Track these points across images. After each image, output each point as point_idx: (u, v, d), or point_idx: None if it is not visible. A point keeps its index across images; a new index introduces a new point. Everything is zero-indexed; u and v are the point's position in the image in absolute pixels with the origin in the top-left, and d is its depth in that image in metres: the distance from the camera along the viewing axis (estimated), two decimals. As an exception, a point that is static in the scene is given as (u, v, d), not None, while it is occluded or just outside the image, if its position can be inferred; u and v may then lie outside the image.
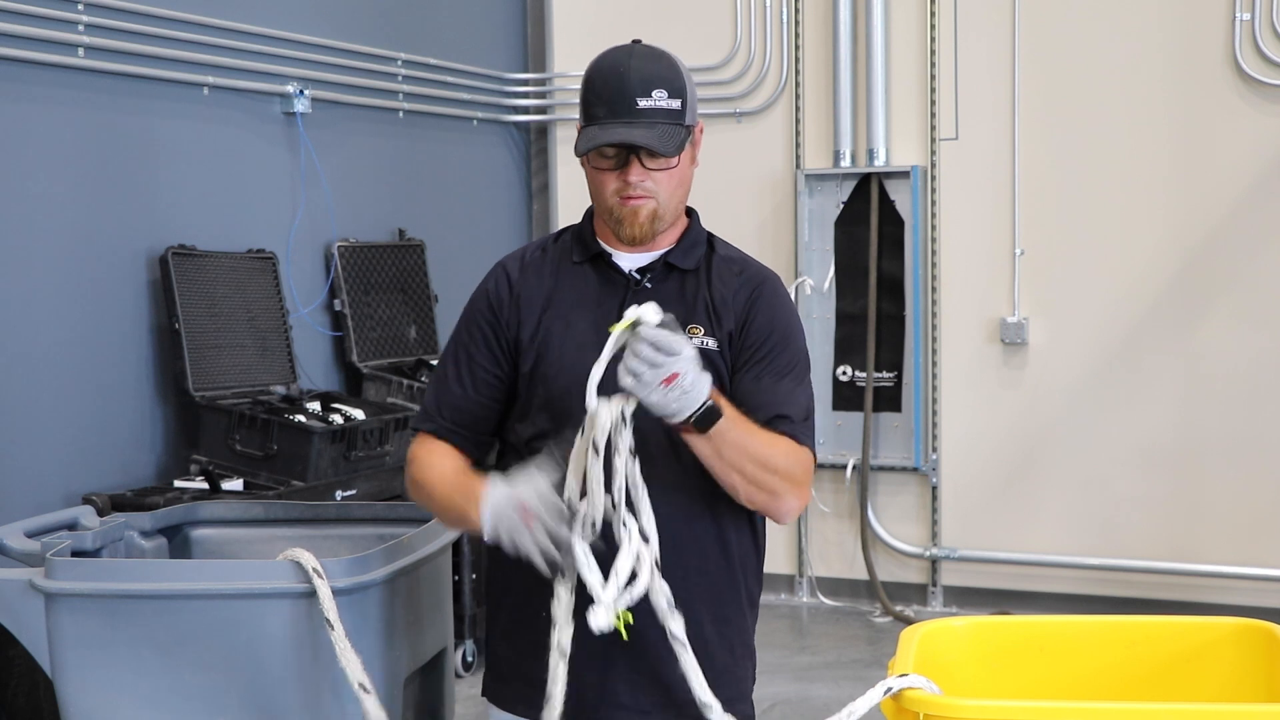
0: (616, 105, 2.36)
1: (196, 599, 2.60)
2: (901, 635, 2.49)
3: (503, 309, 2.47)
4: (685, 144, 2.39)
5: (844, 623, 6.52)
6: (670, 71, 2.40)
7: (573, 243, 2.51)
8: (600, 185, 2.41)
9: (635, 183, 2.37)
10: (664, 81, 2.38)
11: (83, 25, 4.85)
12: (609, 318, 2.37)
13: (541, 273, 2.48)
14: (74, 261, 4.85)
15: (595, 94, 2.40)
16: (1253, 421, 6.18)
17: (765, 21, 6.91)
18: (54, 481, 4.70)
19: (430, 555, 2.83)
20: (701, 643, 2.34)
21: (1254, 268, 6.17)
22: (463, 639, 5.59)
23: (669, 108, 2.37)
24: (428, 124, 6.65)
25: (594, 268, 2.47)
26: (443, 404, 2.49)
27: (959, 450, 6.66)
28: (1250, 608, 5.59)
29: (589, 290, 2.45)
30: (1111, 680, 2.57)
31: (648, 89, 2.36)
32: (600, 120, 2.37)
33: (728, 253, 2.52)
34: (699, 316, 2.42)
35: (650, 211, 2.39)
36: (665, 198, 2.40)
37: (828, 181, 6.81)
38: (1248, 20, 6.08)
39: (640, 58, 2.40)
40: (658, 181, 2.38)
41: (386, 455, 5.27)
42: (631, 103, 2.35)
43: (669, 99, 2.37)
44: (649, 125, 2.35)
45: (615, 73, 2.39)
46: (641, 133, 2.34)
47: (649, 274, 2.45)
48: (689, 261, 2.46)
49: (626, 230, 2.41)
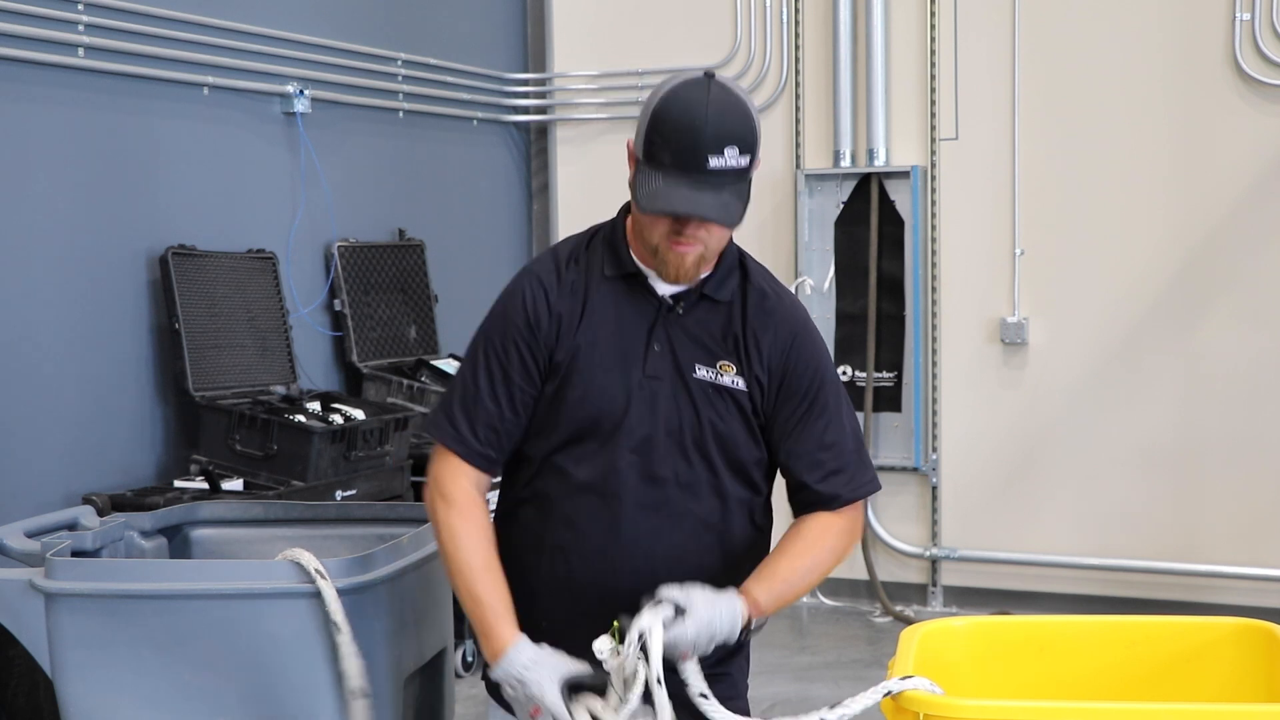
0: (687, 161, 2.23)
1: (196, 599, 2.60)
2: (901, 635, 2.49)
3: (540, 328, 2.37)
4: (747, 201, 2.30)
5: (844, 623, 6.52)
6: (745, 124, 2.27)
7: (605, 253, 2.41)
8: (651, 225, 2.31)
9: (689, 235, 2.28)
10: (739, 136, 2.25)
11: (83, 25, 4.85)
12: (636, 344, 2.35)
13: (576, 289, 2.38)
14: (74, 261, 4.85)
15: (664, 138, 2.25)
16: (1253, 421, 6.18)
17: (765, 21, 6.91)
18: (54, 481, 4.70)
19: (430, 555, 2.83)
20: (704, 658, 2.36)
21: (1254, 268, 6.17)
22: (463, 639, 5.59)
23: (739, 167, 2.25)
24: (428, 124, 6.65)
25: (626, 285, 2.39)
26: (476, 421, 2.37)
27: (959, 450, 6.66)
28: (1250, 608, 5.59)
29: (618, 312, 2.38)
30: (1111, 680, 2.57)
31: (721, 145, 2.23)
32: (666, 170, 2.24)
33: (760, 283, 2.44)
34: (730, 353, 2.37)
35: (698, 256, 2.32)
36: (716, 244, 2.33)
37: (828, 181, 6.81)
38: (1248, 20, 6.08)
39: (717, 104, 2.24)
40: (711, 233, 2.30)
41: (386, 455, 5.27)
42: (703, 160, 2.22)
43: (739, 156, 2.25)
44: (716, 190, 2.23)
45: (690, 121, 2.23)
46: (709, 200, 2.22)
47: (682, 302, 2.38)
48: (724, 293, 2.40)
49: (671, 272, 2.33)
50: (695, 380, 2.35)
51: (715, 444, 2.36)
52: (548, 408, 2.38)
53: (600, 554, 2.35)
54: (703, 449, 2.36)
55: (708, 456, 2.36)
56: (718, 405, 2.36)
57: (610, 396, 2.33)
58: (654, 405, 2.33)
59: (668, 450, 2.27)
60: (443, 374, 6.08)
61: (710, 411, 2.35)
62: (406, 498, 5.32)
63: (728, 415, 2.35)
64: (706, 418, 2.35)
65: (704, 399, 2.35)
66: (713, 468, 2.37)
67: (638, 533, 2.34)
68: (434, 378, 6.05)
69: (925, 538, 6.74)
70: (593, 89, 7.24)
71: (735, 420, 2.36)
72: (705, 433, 2.35)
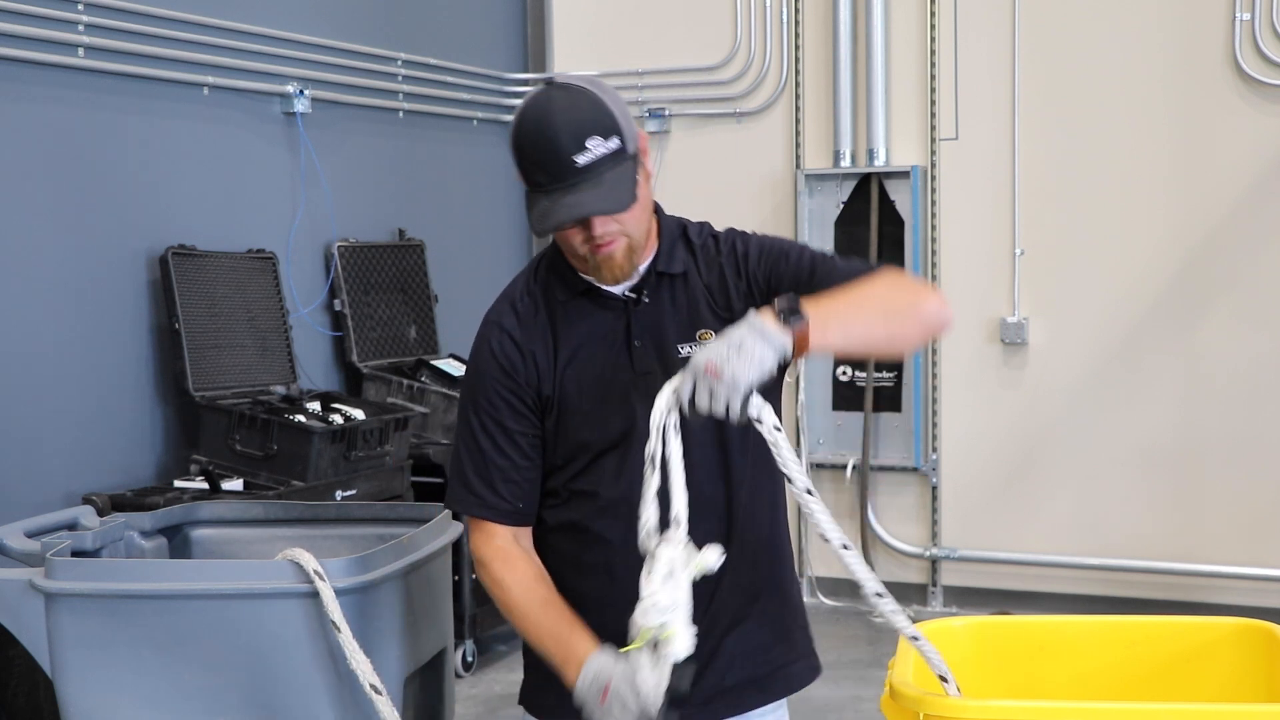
0: (554, 169, 2.21)
1: (196, 599, 2.59)
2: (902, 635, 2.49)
3: (518, 371, 2.36)
4: (637, 179, 2.27)
5: (844, 623, 6.52)
6: (596, 111, 2.23)
7: (553, 280, 2.40)
8: (566, 241, 2.30)
9: (601, 234, 2.26)
10: (594, 126, 2.21)
11: (83, 25, 4.85)
12: (618, 348, 2.35)
13: (538, 321, 2.38)
14: (74, 261, 4.85)
15: (529, 159, 2.24)
16: (1253, 421, 6.18)
17: (765, 21, 6.91)
18: (54, 481, 4.70)
19: (430, 555, 2.83)
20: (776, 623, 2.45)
21: (1254, 268, 6.17)
22: (463, 639, 5.59)
23: (608, 152, 2.21)
24: (428, 124, 6.65)
25: (587, 300, 2.38)
26: (493, 480, 2.37)
27: (959, 450, 6.66)
28: (1250, 608, 5.59)
29: (589, 326, 2.37)
30: (1111, 680, 2.56)
31: (579, 140, 2.20)
32: (544, 188, 2.23)
33: (700, 239, 2.44)
34: (704, 318, 2.37)
35: (625, 249, 2.30)
36: (635, 229, 2.30)
37: (828, 181, 6.81)
38: (1248, 20, 6.08)
39: (561, 107, 2.22)
40: (624, 221, 2.28)
41: (386, 455, 5.27)
42: (569, 163, 2.20)
43: (605, 142, 2.21)
44: (595, 183, 2.21)
45: (543, 132, 2.22)
46: (591, 195, 2.20)
47: (644, 289, 2.38)
48: (677, 265, 2.39)
49: (607, 275, 2.33)
50: (682, 359, 2.34)
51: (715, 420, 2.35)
52: (555, 442, 2.38)
53: (639, 564, 2.33)
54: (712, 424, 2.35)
55: (720, 433, 2.36)
56: None
57: (612, 408, 2.33)
58: (650, 401, 2.33)
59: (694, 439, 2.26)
60: (443, 374, 6.08)
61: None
62: (406, 498, 5.32)
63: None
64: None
65: None
66: (724, 443, 2.36)
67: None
68: (434, 378, 6.05)
69: (925, 538, 6.74)
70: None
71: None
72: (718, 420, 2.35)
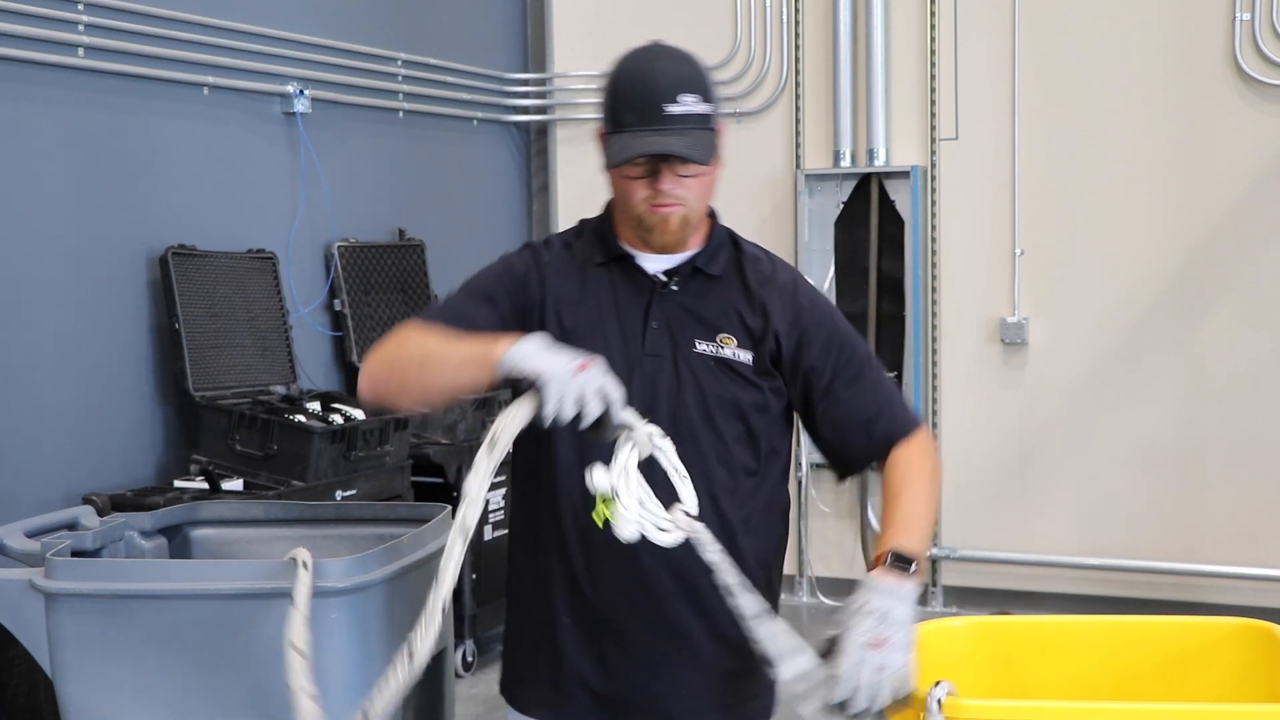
0: (646, 112, 2.27)
1: (196, 599, 2.59)
2: (901, 635, 2.49)
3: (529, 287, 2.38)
4: (716, 150, 2.33)
5: (844, 623, 6.51)
6: (696, 74, 2.32)
7: (594, 242, 2.43)
8: (629, 193, 2.33)
9: (667, 191, 2.30)
10: (692, 85, 2.30)
11: (83, 25, 4.85)
12: (634, 323, 2.36)
13: (567, 274, 2.41)
14: (74, 261, 4.85)
15: (622, 100, 2.30)
16: (1253, 421, 6.18)
17: (765, 21, 6.91)
18: (54, 481, 4.70)
19: (430, 555, 2.83)
20: (730, 647, 2.37)
21: (1254, 268, 6.17)
22: (463, 639, 5.59)
23: (699, 112, 2.29)
24: (428, 124, 6.65)
25: (619, 269, 2.41)
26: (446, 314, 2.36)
27: (959, 450, 6.66)
28: (1250, 608, 5.58)
29: (614, 294, 2.39)
30: (1111, 680, 2.57)
31: (676, 94, 2.27)
32: (630, 127, 2.28)
33: (752, 251, 2.46)
34: (732, 326, 2.38)
35: (681, 218, 2.33)
36: (695, 203, 2.34)
37: (828, 181, 6.81)
38: (1248, 20, 6.08)
39: (665, 60, 2.32)
40: (688, 188, 2.32)
41: (386, 455, 5.27)
42: (661, 109, 2.27)
43: (699, 103, 2.29)
44: (680, 132, 2.27)
45: (641, 77, 2.30)
46: (675, 140, 2.26)
47: (675, 277, 2.40)
48: (716, 267, 2.41)
49: (657, 238, 2.35)
50: (696, 354, 2.36)
51: (719, 413, 2.36)
52: None
53: (627, 555, 2.33)
54: (708, 419, 2.36)
55: (713, 426, 2.36)
56: (719, 376, 2.36)
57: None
58: (655, 381, 2.34)
59: (671, 425, 2.27)
60: (443, 374, 6.07)
61: (712, 382, 2.36)
62: (406, 498, 5.32)
63: (730, 386, 2.36)
64: (709, 388, 2.35)
65: (705, 371, 2.36)
66: (720, 437, 2.37)
67: None
68: (434, 378, 6.04)
69: (925, 538, 6.73)
70: (593, 89, 7.24)
71: (738, 390, 2.36)
72: (710, 403, 2.35)
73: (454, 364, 2.24)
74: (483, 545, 5.69)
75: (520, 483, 2.47)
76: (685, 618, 2.35)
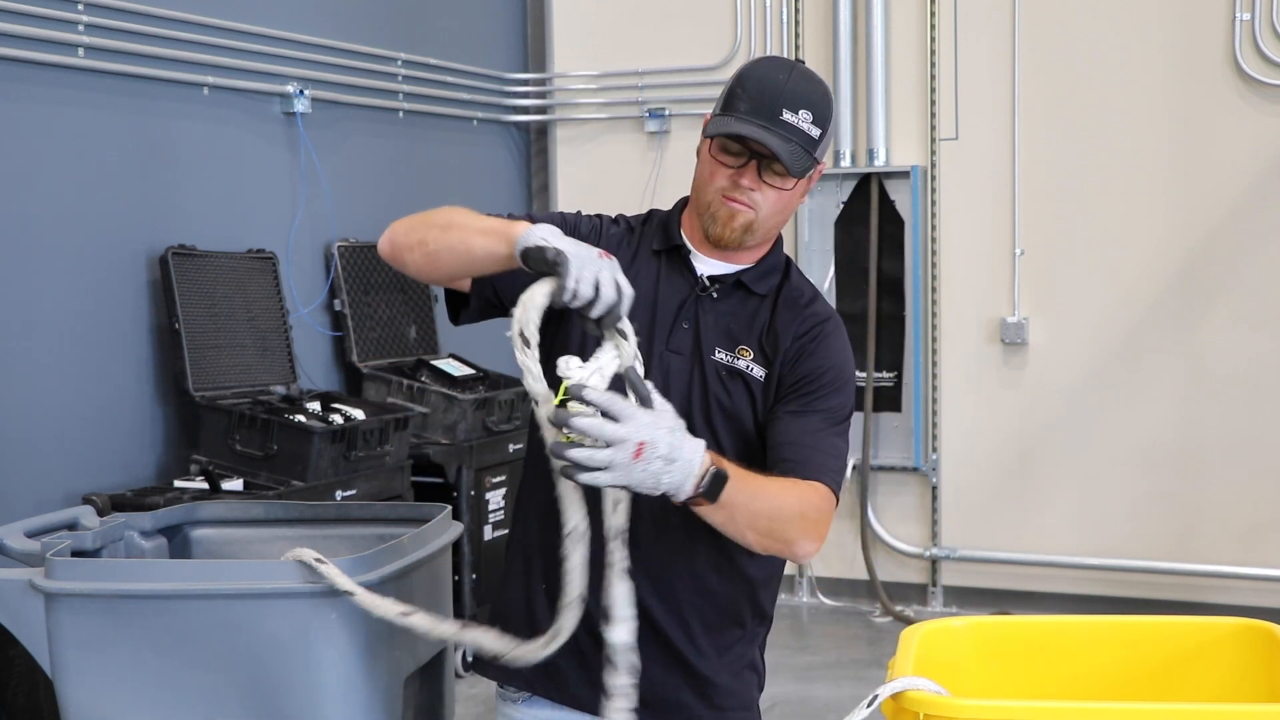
0: (761, 108, 2.28)
1: (196, 599, 2.59)
2: (901, 635, 2.49)
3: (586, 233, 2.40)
4: (808, 173, 2.33)
5: (844, 623, 6.52)
6: (823, 100, 2.32)
7: (656, 230, 2.46)
8: (710, 176, 2.34)
9: (746, 188, 2.31)
10: (814, 106, 2.30)
11: (83, 25, 4.85)
12: (666, 317, 2.36)
13: (622, 251, 2.41)
14: (74, 261, 4.85)
15: (744, 89, 2.32)
16: (1253, 421, 6.18)
17: (765, 22, 6.91)
18: (54, 481, 4.70)
19: (430, 555, 2.83)
20: (700, 658, 2.37)
21: (1254, 268, 6.17)
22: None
23: (809, 133, 2.29)
24: (428, 124, 6.66)
25: (670, 261, 2.42)
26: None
27: (959, 450, 6.66)
28: (1250, 608, 5.59)
29: (657, 285, 2.41)
30: (1111, 680, 2.56)
31: (796, 106, 2.28)
32: (739, 114, 2.29)
33: (800, 283, 2.46)
34: (753, 341, 2.38)
35: (746, 222, 2.33)
36: (765, 215, 2.34)
37: (828, 181, 6.81)
38: (1248, 20, 6.08)
39: (799, 76, 2.33)
40: (765, 196, 2.32)
41: (386, 455, 5.27)
42: (777, 111, 2.28)
43: (812, 125, 2.30)
44: (784, 139, 2.27)
45: (771, 79, 2.31)
46: (777, 142, 2.26)
47: (717, 284, 2.40)
48: (762, 287, 2.41)
49: (717, 230, 2.35)
50: (712, 361, 2.37)
51: (721, 421, 2.36)
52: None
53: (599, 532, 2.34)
54: (710, 425, 2.36)
55: (714, 432, 2.36)
56: (729, 385, 2.36)
57: None
58: (669, 377, 2.35)
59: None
60: (443, 374, 6.08)
61: (719, 389, 2.36)
62: (406, 498, 5.32)
63: (736, 396, 2.36)
64: (714, 394, 2.36)
65: (715, 379, 2.36)
66: (718, 445, 2.37)
67: (644, 505, 2.34)
68: (434, 378, 6.05)
69: (925, 538, 6.74)
70: (593, 89, 7.24)
71: (743, 401, 2.36)
72: (712, 409, 2.35)
73: (475, 230, 2.29)
74: (483, 545, 5.69)
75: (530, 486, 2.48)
76: (645, 598, 2.33)
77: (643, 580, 2.30)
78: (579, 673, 2.37)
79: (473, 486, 5.68)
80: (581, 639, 2.30)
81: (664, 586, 2.36)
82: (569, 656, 2.33)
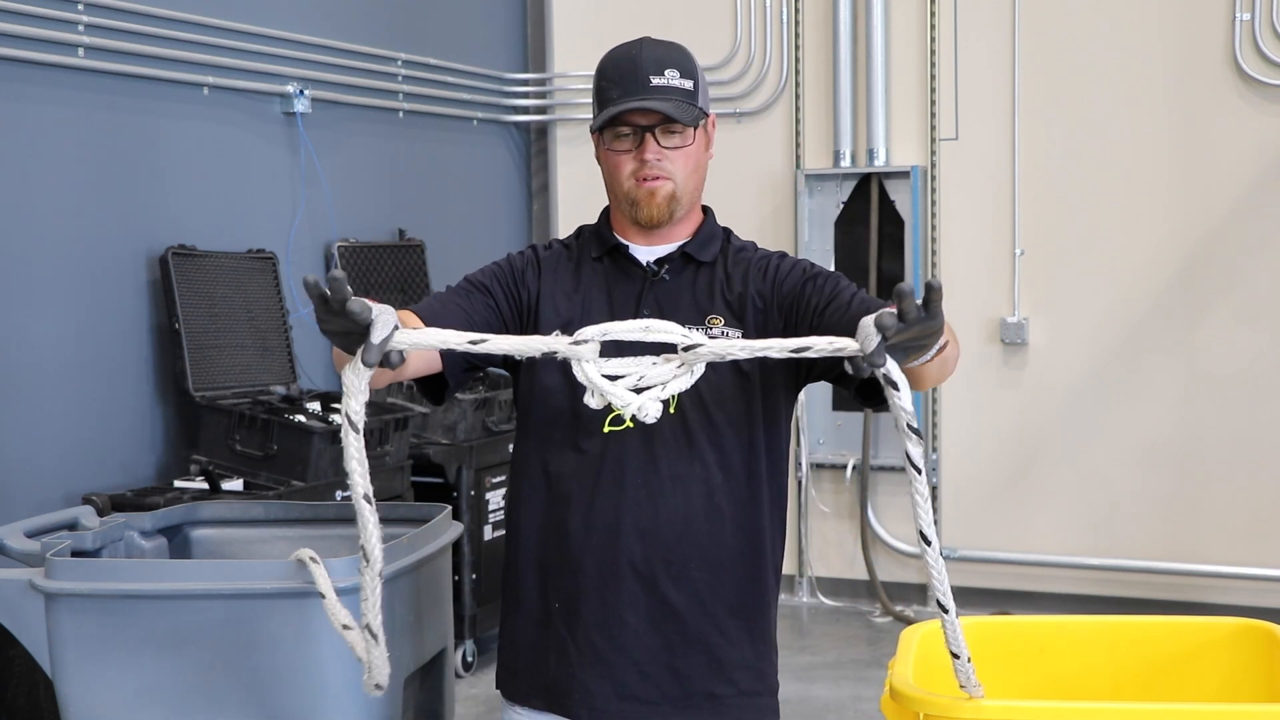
0: (630, 84, 2.37)
1: (196, 599, 2.60)
2: (902, 635, 2.49)
3: (526, 280, 2.44)
4: (700, 121, 2.39)
5: (844, 623, 6.52)
6: (681, 56, 2.43)
7: (590, 239, 2.50)
8: (616, 168, 2.40)
9: (652, 160, 2.36)
10: (675, 63, 2.40)
11: (83, 25, 4.85)
12: (626, 313, 2.38)
13: (563, 270, 2.47)
14: (74, 261, 4.85)
15: (608, 79, 2.41)
16: (1253, 421, 6.18)
17: (765, 21, 6.91)
18: (54, 481, 4.70)
19: (430, 555, 2.83)
20: (725, 637, 2.38)
21: (1254, 268, 6.17)
22: (463, 639, 5.59)
23: (682, 87, 2.38)
24: (428, 124, 6.66)
25: (612, 262, 2.46)
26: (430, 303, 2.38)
27: (959, 450, 6.66)
28: (1250, 608, 5.59)
29: (608, 286, 2.44)
30: (1111, 680, 2.57)
31: (660, 68, 2.38)
32: (613, 100, 2.37)
33: (742, 243, 2.52)
34: (718, 307, 2.41)
35: (668, 193, 2.39)
36: (682, 179, 2.40)
37: (828, 181, 6.81)
38: (1248, 20, 6.08)
39: (650, 45, 2.43)
40: (674, 161, 2.38)
41: (386, 455, 5.27)
42: (645, 80, 2.37)
43: (681, 79, 2.38)
44: (664, 98, 2.35)
45: (626, 57, 2.41)
46: (656, 103, 2.34)
47: (665, 265, 2.44)
48: (707, 254, 2.45)
49: (644, 212, 2.40)
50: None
51: (709, 397, 2.36)
52: (530, 391, 2.42)
53: (607, 528, 2.35)
54: (699, 405, 2.36)
55: (705, 412, 2.36)
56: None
57: None
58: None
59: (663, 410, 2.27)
60: (443, 374, 6.07)
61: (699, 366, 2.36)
62: (407, 498, 5.32)
63: (719, 368, 2.36)
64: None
65: None
66: (712, 423, 2.37)
67: (639, 497, 2.35)
68: (434, 378, 6.04)
69: (925, 538, 6.73)
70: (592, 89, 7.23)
71: (726, 372, 2.36)
72: (696, 388, 2.35)
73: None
74: (483, 545, 5.69)
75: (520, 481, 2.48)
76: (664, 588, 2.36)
77: (660, 572, 2.33)
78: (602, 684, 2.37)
79: (473, 486, 5.69)
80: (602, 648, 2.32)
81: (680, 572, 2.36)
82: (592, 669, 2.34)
